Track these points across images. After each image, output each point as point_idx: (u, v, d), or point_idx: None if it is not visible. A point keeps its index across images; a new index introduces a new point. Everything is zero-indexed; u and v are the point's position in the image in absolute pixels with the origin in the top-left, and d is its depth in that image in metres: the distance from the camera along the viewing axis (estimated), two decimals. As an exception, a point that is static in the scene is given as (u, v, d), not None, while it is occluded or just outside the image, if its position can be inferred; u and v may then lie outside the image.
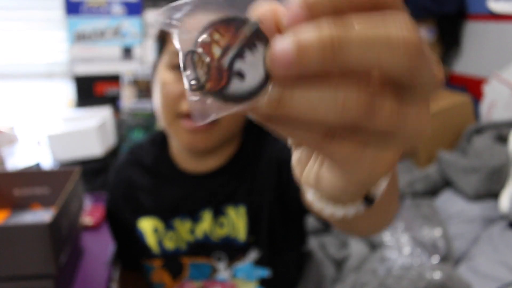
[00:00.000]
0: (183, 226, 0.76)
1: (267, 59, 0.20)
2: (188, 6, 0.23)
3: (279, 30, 0.20)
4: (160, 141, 0.81)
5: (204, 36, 0.21)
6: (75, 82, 2.13)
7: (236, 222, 0.73)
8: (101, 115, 2.07)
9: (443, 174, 1.46)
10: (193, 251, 0.76)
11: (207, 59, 0.21)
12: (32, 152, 1.87)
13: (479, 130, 1.54)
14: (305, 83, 0.20)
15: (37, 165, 1.63)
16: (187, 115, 0.66)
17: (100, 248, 0.94)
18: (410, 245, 1.19)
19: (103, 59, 2.13)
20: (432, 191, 1.48)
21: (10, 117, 2.13)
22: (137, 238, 0.79)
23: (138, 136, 2.18)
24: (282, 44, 0.19)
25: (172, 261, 0.78)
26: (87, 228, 1.03)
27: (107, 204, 0.86)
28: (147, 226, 0.78)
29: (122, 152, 2.18)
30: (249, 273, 0.74)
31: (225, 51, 0.21)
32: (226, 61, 0.21)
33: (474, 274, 1.13)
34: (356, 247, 1.23)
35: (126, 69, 2.13)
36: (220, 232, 0.74)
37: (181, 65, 0.22)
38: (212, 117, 0.22)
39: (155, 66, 0.73)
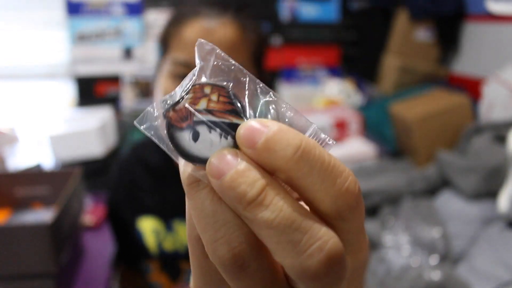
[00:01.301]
0: (182, 228, 0.75)
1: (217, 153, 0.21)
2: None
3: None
4: None
5: (208, 84, 0.22)
6: (76, 82, 2.14)
7: None
8: (102, 115, 2.08)
9: (442, 174, 1.46)
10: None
11: (189, 100, 0.22)
12: (33, 152, 1.88)
13: (478, 130, 1.54)
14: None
15: (38, 165, 1.63)
16: None
17: (101, 247, 0.94)
18: (409, 245, 1.19)
19: (103, 60, 2.13)
20: (431, 191, 1.49)
21: (11, 117, 2.13)
22: (136, 238, 0.78)
23: (138, 136, 2.18)
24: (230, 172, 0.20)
25: (170, 264, 0.77)
26: (88, 228, 1.03)
27: (109, 202, 0.86)
28: (147, 226, 0.77)
29: (122, 151, 2.18)
30: None
31: (206, 111, 0.22)
32: (198, 117, 0.22)
33: (472, 273, 1.13)
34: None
35: (127, 69, 2.13)
36: None
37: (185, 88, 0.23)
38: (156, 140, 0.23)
39: (157, 69, 0.72)
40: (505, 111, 1.60)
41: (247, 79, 0.23)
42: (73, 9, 2.08)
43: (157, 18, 2.13)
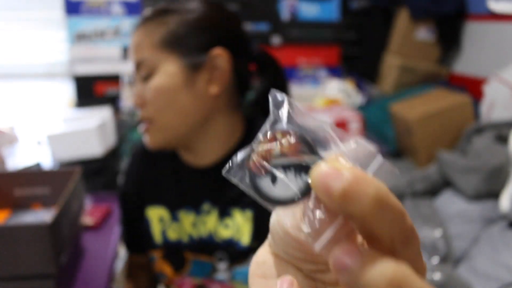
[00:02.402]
0: (187, 218, 0.75)
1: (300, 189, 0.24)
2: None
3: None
4: None
5: (279, 130, 0.25)
6: (75, 82, 2.13)
7: (241, 225, 0.72)
8: (101, 115, 2.07)
9: (443, 174, 1.46)
10: (197, 248, 0.75)
11: (264, 148, 0.25)
12: (33, 152, 1.87)
13: (479, 130, 1.53)
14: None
15: (38, 165, 1.62)
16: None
17: (101, 248, 0.94)
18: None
19: (103, 59, 2.13)
20: (432, 191, 1.48)
21: (10, 117, 2.12)
22: (144, 226, 0.79)
23: (138, 136, 2.18)
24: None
25: (174, 253, 0.78)
26: (88, 228, 1.03)
27: (121, 189, 0.86)
28: (154, 215, 0.78)
29: (122, 152, 2.18)
30: (246, 275, 0.71)
31: (280, 155, 0.24)
32: (273, 162, 0.24)
33: (473, 274, 1.12)
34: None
35: (126, 69, 2.12)
36: (224, 233, 0.73)
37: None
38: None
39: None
40: (507, 110, 1.59)
41: (316, 122, 0.26)
42: (72, 9, 2.07)
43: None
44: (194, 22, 0.68)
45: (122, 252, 1.24)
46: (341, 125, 1.88)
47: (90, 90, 2.15)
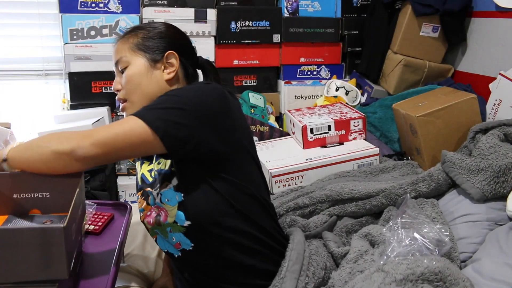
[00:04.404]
0: (146, 166, 1.07)
1: None
2: None
3: None
4: None
5: None
6: (71, 80, 2.10)
7: (165, 160, 1.00)
8: (97, 112, 2.04)
9: (448, 174, 1.44)
10: (151, 183, 1.03)
11: None
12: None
13: (485, 129, 1.51)
14: None
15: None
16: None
17: (103, 254, 0.94)
18: (413, 241, 1.18)
19: (99, 56, 2.10)
20: (437, 192, 1.46)
21: (5, 115, 2.09)
22: (136, 175, 1.12)
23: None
24: None
25: (144, 190, 1.04)
26: (89, 234, 1.03)
27: None
28: (138, 166, 1.11)
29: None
30: (170, 197, 0.94)
31: None
32: None
33: (479, 275, 1.11)
34: (357, 244, 1.22)
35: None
36: (157, 167, 1.01)
37: None
38: None
39: None
40: (513, 109, 1.58)
41: None
42: (68, 5, 2.04)
43: (154, 15, 2.11)
44: (154, 34, 1.04)
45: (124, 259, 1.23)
46: (343, 124, 1.86)
47: (86, 88, 2.12)
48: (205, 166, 0.93)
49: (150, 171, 1.05)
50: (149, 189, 1.02)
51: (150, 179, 1.04)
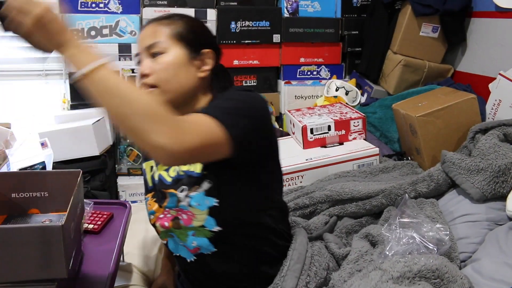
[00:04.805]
0: (163, 165, 1.01)
1: None
2: None
3: None
4: None
5: None
6: (71, 79, 2.09)
7: None
8: (97, 112, 2.04)
9: (448, 174, 1.44)
10: (170, 184, 0.97)
11: None
12: (33, 153, 1.84)
13: (485, 129, 1.51)
14: None
15: (39, 166, 1.59)
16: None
17: (102, 253, 0.93)
18: (411, 240, 1.18)
19: (100, 57, 2.09)
20: (436, 192, 1.46)
21: (5, 115, 2.09)
22: (144, 175, 1.08)
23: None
24: None
25: (158, 192, 1.00)
26: (88, 233, 1.02)
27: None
28: (147, 166, 1.07)
29: (120, 151, 2.15)
30: (200, 202, 0.91)
31: None
32: None
33: (479, 275, 1.10)
34: (358, 244, 1.22)
35: (123, 66, 2.10)
36: (184, 168, 0.96)
37: None
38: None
39: None
40: (513, 109, 1.57)
41: None
42: (69, 5, 2.04)
43: (154, 15, 2.11)
44: (197, 28, 1.00)
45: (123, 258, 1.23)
46: (343, 124, 1.86)
47: (87, 88, 2.12)
48: (244, 171, 0.92)
49: (167, 170, 1.00)
50: (171, 190, 0.96)
51: (169, 180, 0.99)
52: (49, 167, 1.36)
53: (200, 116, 0.81)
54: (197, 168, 0.93)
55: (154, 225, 1.01)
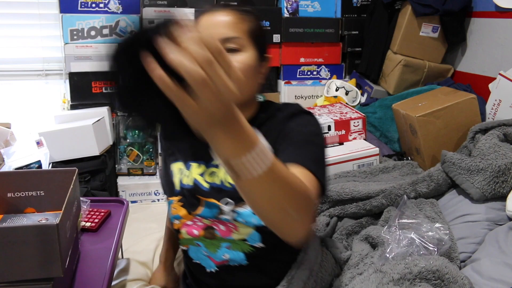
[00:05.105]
0: (196, 169, 0.94)
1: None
2: None
3: None
4: None
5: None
6: (71, 80, 2.10)
7: None
8: (97, 112, 2.04)
9: (447, 174, 1.43)
10: (210, 193, 0.90)
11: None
12: (29, 151, 1.84)
13: (485, 129, 1.51)
14: None
15: (35, 165, 1.59)
16: None
17: (100, 251, 0.93)
18: (411, 241, 1.17)
19: (100, 57, 2.10)
20: (436, 192, 1.46)
21: (5, 115, 2.10)
22: (169, 176, 0.98)
23: (135, 135, 2.15)
24: None
25: (188, 197, 0.93)
26: (86, 231, 1.02)
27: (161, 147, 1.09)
28: (175, 168, 0.97)
29: (120, 151, 2.15)
30: (248, 219, 0.86)
31: None
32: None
33: (478, 275, 1.10)
34: (358, 248, 1.22)
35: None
36: (231, 180, 0.86)
37: None
38: None
39: None
40: (513, 109, 1.57)
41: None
42: (68, 5, 2.05)
43: (154, 15, 2.11)
44: (263, 29, 0.92)
45: (121, 255, 1.23)
46: (343, 124, 1.86)
47: (86, 88, 2.12)
48: None
49: (202, 175, 0.93)
50: (212, 200, 0.89)
51: (206, 186, 0.91)
52: (45, 166, 1.35)
53: (310, 177, 0.76)
54: None
55: (178, 230, 0.96)
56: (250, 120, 0.89)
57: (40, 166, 1.38)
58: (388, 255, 1.08)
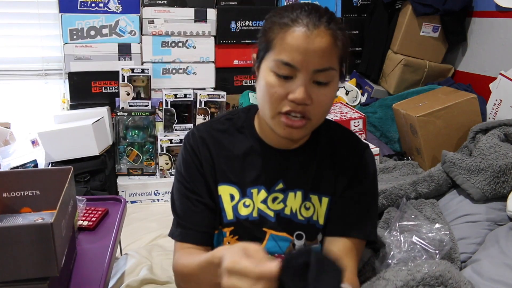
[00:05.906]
0: (258, 196, 0.84)
1: None
2: None
3: None
4: (252, 115, 0.89)
5: None
6: (70, 80, 2.10)
7: (318, 208, 0.85)
8: (97, 112, 2.04)
9: (448, 174, 1.43)
10: (278, 225, 0.83)
11: None
12: (27, 151, 1.84)
13: (485, 129, 1.50)
14: None
15: (32, 164, 1.59)
16: (287, 113, 0.75)
17: (97, 250, 0.93)
18: (412, 245, 1.17)
19: (99, 56, 2.10)
20: (437, 192, 1.45)
21: (5, 115, 2.10)
22: (216, 202, 0.84)
23: (135, 135, 2.15)
24: None
25: (246, 228, 0.83)
26: (83, 230, 1.01)
27: (183, 175, 0.85)
28: (224, 192, 0.84)
29: (120, 151, 2.15)
30: None
31: None
32: None
33: (479, 276, 1.09)
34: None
35: (123, 66, 2.10)
36: (305, 214, 0.84)
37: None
38: None
39: (259, 61, 0.82)
40: (514, 109, 1.56)
41: None
42: (68, 5, 2.04)
43: (154, 14, 2.11)
44: (349, 49, 0.79)
45: (119, 254, 1.22)
46: (343, 124, 1.85)
47: (86, 88, 2.12)
48: None
49: (264, 202, 0.84)
50: (283, 234, 0.84)
51: (272, 214, 0.84)
52: (40, 165, 1.35)
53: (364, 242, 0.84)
54: (320, 217, 0.84)
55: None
56: (311, 141, 0.87)
57: (36, 166, 1.37)
58: (390, 261, 1.07)
